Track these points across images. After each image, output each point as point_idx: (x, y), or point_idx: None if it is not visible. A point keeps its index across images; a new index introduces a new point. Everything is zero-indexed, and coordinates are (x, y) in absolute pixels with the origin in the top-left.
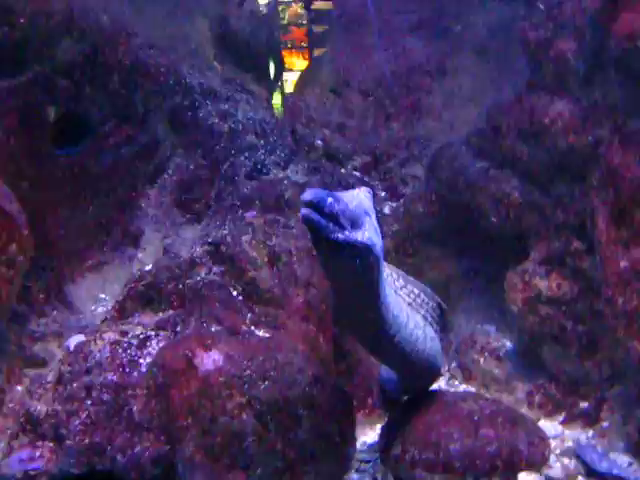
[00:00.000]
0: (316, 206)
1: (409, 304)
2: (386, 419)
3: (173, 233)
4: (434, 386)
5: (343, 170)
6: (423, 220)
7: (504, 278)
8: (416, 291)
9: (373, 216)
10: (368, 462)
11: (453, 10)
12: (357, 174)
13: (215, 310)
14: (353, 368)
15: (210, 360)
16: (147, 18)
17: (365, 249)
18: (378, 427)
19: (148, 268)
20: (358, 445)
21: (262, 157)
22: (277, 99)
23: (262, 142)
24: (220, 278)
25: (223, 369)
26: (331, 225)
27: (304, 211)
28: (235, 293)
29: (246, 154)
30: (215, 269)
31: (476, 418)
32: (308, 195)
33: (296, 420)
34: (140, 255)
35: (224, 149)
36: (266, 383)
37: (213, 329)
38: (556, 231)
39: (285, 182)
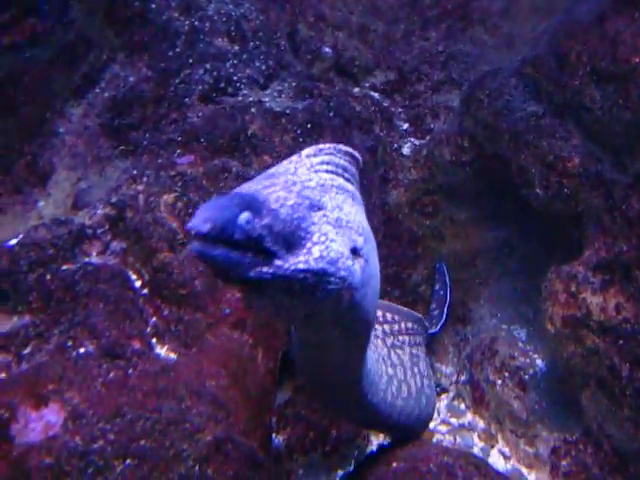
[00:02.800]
0: (219, 237)
1: (382, 339)
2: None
3: (95, 173)
4: None
5: (357, 89)
6: (450, 171)
7: (550, 266)
8: (394, 318)
9: (336, 198)
10: None
11: None
12: (375, 96)
13: (94, 316)
14: None
15: (40, 424)
16: None
17: (318, 278)
18: (339, 475)
19: (13, 242)
20: None
21: (231, 70)
22: None
23: (236, 48)
24: (118, 261)
25: (57, 441)
26: (249, 257)
27: (196, 246)
28: (139, 284)
29: (208, 65)
30: (114, 246)
31: None
32: (200, 223)
33: None
34: (41, 204)
35: (179, 56)
36: (127, 462)
37: (82, 350)
38: (626, 226)
39: (253, 109)
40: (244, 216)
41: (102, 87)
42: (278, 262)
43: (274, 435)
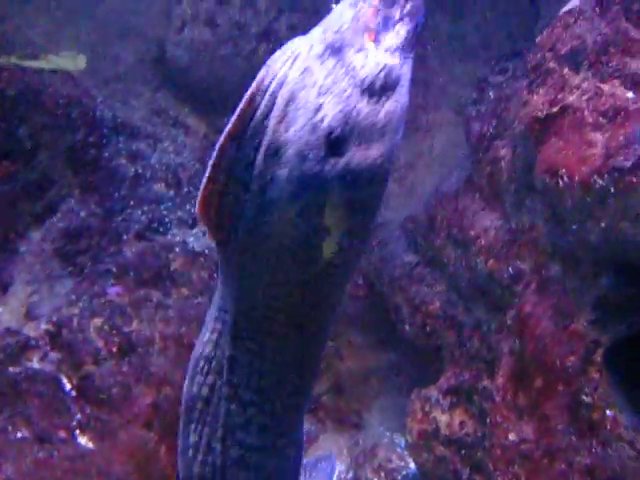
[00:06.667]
0: None
1: None
2: None
3: (46, 288)
4: None
5: None
6: (349, 302)
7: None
8: None
9: None
10: None
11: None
12: None
13: (30, 408)
14: None
15: None
16: (64, 36)
17: None
18: None
19: None
20: None
21: (164, 212)
22: None
23: (172, 193)
24: (53, 368)
25: None
26: None
27: None
28: (68, 387)
29: (145, 207)
30: (52, 356)
31: None
32: None
33: None
34: (0, 310)
35: (123, 198)
36: None
37: (19, 434)
38: (469, 360)
39: (177, 248)
40: None
41: (58, 217)
42: None
43: None
